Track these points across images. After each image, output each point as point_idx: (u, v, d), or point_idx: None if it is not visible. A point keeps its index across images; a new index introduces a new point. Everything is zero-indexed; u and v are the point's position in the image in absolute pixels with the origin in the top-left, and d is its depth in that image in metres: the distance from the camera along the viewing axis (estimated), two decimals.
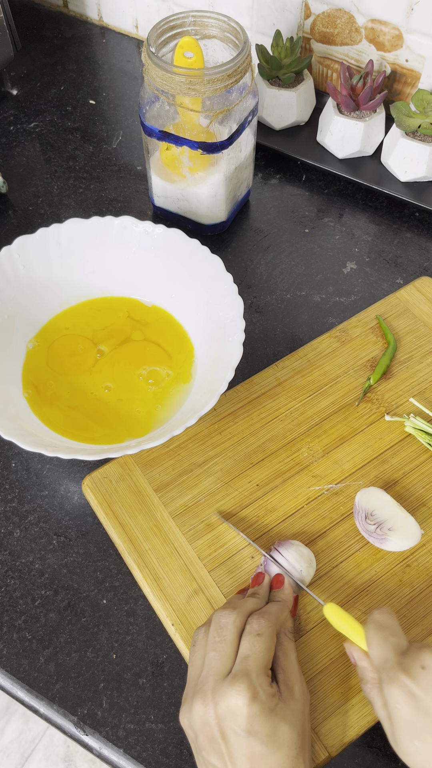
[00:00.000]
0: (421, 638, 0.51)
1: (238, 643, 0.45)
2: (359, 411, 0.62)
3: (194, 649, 0.47)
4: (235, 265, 0.75)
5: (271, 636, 0.45)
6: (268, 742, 0.42)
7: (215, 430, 0.60)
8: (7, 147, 0.85)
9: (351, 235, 0.77)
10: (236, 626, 0.46)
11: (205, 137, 0.66)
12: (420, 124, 0.74)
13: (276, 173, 0.83)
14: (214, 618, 0.47)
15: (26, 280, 0.65)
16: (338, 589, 0.53)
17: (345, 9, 0.78)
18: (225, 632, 0.45)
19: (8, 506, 0.60)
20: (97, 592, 0.55)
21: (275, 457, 0.59)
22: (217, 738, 0.42)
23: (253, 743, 0.41)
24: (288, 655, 0.47)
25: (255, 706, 0.42)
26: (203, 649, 0.46)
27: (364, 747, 0.50)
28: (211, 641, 0.46)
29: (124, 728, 0.50)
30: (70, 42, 0.98)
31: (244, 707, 0.42)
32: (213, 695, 0.43)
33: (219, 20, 0.65)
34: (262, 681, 0.43)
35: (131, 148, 0.85)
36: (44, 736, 1.31)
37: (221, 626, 0.46)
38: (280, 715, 0.43)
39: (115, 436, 0.60)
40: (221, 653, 0.45)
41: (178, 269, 0.65)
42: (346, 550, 0.55)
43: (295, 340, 0.69)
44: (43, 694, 0.51)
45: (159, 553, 0.54)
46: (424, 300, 0.68)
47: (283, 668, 0.46)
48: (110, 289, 0.68)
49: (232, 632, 0.45)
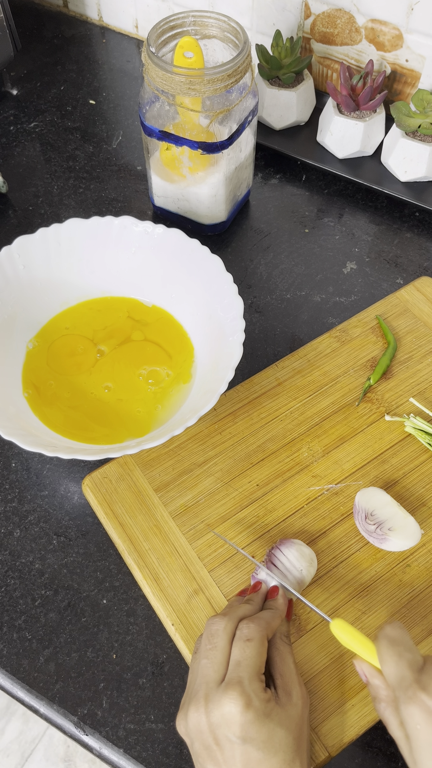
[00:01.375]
0: (422, 638, 0.51)
1: (229, 649, 0.45)
2: (359, 411, 0.62)
3: (194, 657, 0.47)
4: (235, 265, 0.75)
5: (262, 640, 0.45)
6: (264, 747, 0.41)
7: (215, 430, 0.60)
8: (7, 147, 0.85)
9: (351, 235, 0.77)
10: (227, 633, 0.45)
11: (205, 137, 0.66)
12: (420, 124, 0.74)
13: (276, 173, 0.83)
14: (206, 625, 0.47)
15: (26, 280, 0.65)
16: (338, 588, 0.53)
17: (345, 9, 0.78)
18: (216, 639, 0.45)
19: (8, 506, 0.60)
20: (97, 592, 0.55)
21: (275, 457, 0.59)
22: (211, 745, 0.42)
23: (249, 749, 0.41)
24: (285, 659, 0.46)
25: (249, 714, 0.41)
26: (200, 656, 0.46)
27: (364, 747, 0.50)
28: (203, 649, 0.45)
29: (124, 728, 0.50)
30: (70, 42, 0.98)
31: (238, 715, 0.41)
32: (206, 703, 0.43)
33: (219, 20, 0.65)
34: (256, 687, 0.43)
35: (131, 148, 0.85)
36: (44, 736, 1.31)
37: (212, 633, 0.46)
38: (275, 720, 0.42)
39: (115, 436, 0.60)
40: (212, 660, 0.44)
41: (178, 269, 0.65)
42: (346, 550, 0.55)
43: (295, 340, 0.69)
44: (43, 694, 0.51)
45: (159, 553, 0.54)
46: (424, 300, 0.68)
47: (280, 673, 0.46)
48: (110, 289, 0.68)
49: (222, 639, 0.45)
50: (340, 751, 0.48)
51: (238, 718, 0.41)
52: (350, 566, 0.54)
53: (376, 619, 0.52)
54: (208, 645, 0.45)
